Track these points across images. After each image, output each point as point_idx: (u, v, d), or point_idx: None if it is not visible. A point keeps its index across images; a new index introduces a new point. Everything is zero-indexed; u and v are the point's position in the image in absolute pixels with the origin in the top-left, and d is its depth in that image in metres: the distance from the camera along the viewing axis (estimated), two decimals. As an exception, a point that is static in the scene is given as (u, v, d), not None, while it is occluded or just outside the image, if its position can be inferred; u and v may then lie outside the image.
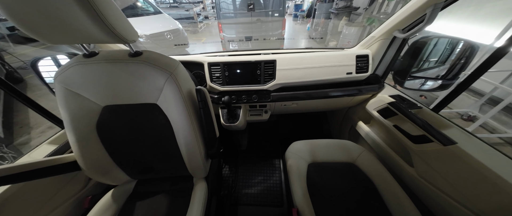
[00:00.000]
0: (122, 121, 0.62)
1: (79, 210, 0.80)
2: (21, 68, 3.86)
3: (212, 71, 1.04)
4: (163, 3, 7.58)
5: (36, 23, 0.39)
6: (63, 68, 0.53)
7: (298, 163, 0.88)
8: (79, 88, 0.55)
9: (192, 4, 7.49)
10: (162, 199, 0.79)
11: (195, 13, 6.93)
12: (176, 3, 7.83)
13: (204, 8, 8.07)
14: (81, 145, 0.61)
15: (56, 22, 0.38)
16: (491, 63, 0.64)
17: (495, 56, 0.63)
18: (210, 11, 8.15)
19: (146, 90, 0.55)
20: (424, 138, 0.75)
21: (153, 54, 0.55)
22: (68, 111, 0.56)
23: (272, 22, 4.11)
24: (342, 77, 1.02)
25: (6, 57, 4.04)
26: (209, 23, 7.93)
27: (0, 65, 3.59)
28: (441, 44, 0.97)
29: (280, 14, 4.05)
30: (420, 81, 1.05)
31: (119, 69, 0.52)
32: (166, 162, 0.74)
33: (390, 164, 0.91)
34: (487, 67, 0.66)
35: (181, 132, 0.62)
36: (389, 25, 0.89)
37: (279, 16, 4.07)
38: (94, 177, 0.68)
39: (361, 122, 1.19)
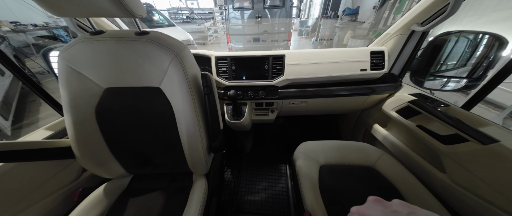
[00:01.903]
0: (123, 105, 0.58)
1: (67, 203, 0.73)
2: (39, 74, 4.11)
3: (219, 65, 1.02)
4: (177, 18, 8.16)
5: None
6: (69, 45, 0.51)
7: (308, 164, 0.79)
8: (82, 67, 0.53)
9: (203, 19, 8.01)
10: (158, 197, 0.71)
11: (205, 28, 7.37)
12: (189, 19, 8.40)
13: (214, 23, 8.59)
14: (78, 129, 0.57)
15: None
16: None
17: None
18: (220, 26, 8.64)
19: (150, 72, 0.53)
20: (456, 138, 0.65)
21: (160, 34, 0.54)
22: (68, 90, 0.54)
23: (278, 33, 4.24)
24: (356, 74, 0.96)
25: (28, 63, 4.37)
26: (218, 37, 8.35)
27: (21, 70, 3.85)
28: (463, 41, 0.91)
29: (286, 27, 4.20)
30: (441, 81, 0.97)
31: (124, 48, 0.50)
32: (166, 154, 0.68)
33: (415, 169, 0.79)
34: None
35: (183, 120, 0.58)
36: (407, 19, 0.85)
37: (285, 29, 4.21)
38: (87, 167, 0.63)
39: (377, 124, 1.10)
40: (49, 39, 5.49)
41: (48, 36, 5.51)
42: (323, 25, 5.99)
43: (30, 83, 0.74)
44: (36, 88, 0.76)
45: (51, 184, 0.68)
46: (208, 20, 8.19)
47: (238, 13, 4.11)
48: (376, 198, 0.22)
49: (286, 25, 4.18)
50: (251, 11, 4.03)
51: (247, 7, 4.00)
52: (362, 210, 0.21)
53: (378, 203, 0.21)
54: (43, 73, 4.14)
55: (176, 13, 8.23)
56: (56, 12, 0.44)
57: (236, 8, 4.05)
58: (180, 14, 8.27)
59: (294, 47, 6.82)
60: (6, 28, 4.99)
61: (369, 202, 0.22)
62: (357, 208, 0.22)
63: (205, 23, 7.58)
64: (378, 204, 0.21)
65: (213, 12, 8.66)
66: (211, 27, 8.24)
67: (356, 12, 5.18)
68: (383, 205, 0.20)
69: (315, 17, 7.89)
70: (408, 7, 3.42)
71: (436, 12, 0.75)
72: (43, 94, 0.78)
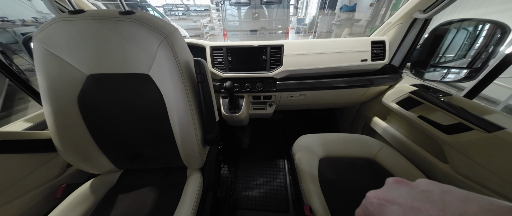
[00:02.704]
0: (108, 94, 0.54)
1: (50, 199, 0.68)
2: (28, 70, 3.96)
3: (214, 56, 0.97)
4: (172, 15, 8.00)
5: None
6: (45, 25, 0.46)
7: (307, 156, 0.76)
8: (61, 51, 0.47)
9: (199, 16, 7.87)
10: (149, 193, 0.66)
11: (202, 25, 7.24)
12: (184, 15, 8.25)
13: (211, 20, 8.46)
14: (58, 119, 0.52)
15: None
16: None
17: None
18: (216, 23, 8.52)
19: (137, 57, 0.48)
20: (459, 127, 0.64)
21: (147, 14, 0.49)
22: (46, 76, 0.48)
23: (276, 30, 4.20)
24: (356, 64, 0.93)
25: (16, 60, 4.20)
26: (214, 34, 8.24)
27: (9, 66, 3.71)
28: (465, 31, 0.89)
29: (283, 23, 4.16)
30: (442, 72, 0.95)
31: (107, 29, 0.45)
32: (157, 147, 0.63)
33: (416, 161, 0.78)
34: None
35: (175, 109, 0.53)
36: (409, 6, 0.83)
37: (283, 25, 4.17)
38: (70, 161, 0.58)
39: (377, 117, 1.08)
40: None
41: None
42: (320, 22, 5.98)
43: (12, 75, 0.68)
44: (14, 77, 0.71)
45: (31, 180, 0.63)
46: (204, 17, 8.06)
47: (235, 9, 4.04)
48: (398, 179, 0.19)
49: (283, 21, 4.14)
50: (248, 7, 3.97)
51: (244, 3, 3.94)
52: (381, 194, 0.18)
53: (401, 184, 0.18)
54: (32, 70, 3.99)
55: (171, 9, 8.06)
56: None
57: (233, 4, 3.98)
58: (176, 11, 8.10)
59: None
60: (-8, 23, 4.79)
61: (388, 184, 0.19)
62: (375, 192, 0.19)
63: (201, 20, 7.45)
64: (401, 185, 0.18)
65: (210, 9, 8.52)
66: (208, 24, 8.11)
67: (353, 9, 5.19)
68: (408, 186, 0.17)
69: (312, 15, 7.88)
70: (405, 4, 3.43)
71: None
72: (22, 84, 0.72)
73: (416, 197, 0.15)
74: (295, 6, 10.34)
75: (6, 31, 4.92)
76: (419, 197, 0.15)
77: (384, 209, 0.16)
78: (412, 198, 0.15)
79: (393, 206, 0.16)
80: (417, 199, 0.15)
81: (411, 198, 0.15)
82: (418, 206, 0.14)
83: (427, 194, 0.15)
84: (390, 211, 0.16)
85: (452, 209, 0.13)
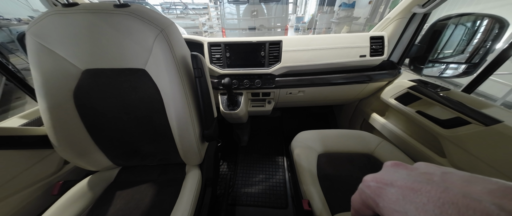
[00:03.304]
0: (104, 89, 0.53)
1: (47, 196, 0.67)
2: (25, 70, 3.92)
3: (212, 52, 0.96)
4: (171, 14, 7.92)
5: None
6: (39, 18, 0.45)
7: (306, 152, 0.76)
8: (56, 45, 0.46)
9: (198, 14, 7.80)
10: (148, 189, 0.66)
11: (200, 23, 7.18)
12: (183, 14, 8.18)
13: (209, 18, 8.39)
14: (54, 114, 0.51)
15: None
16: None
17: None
18: (215, 21, 8.46)
19: (132, 51, 0.47)
20: (458, 121, 0.64)
21: (142, 7, 0.48)
22: (40, 71, 0.48)
23: (274, 28, 4.18)
24: (355, 60, 0.93)
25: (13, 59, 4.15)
26: (213, 33, 8.18)
27: (5, 65, 3.67)
28: (463, 26, 0.89)
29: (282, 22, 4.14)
30: (440, 68, 0.96)
31: (102, 21, 0.44)
32: (155, 143, 0.63)
33: (414, 156, 0.78)
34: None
35: (172, 104, 0.53)
36: (408, 1, 0.82)
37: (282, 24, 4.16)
38: (67, 157, 0.57)
39: (375, 113, 1.08)
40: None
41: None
42: (319, 20, 5.96)
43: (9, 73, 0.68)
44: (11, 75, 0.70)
45: (27, 176, 0.62)
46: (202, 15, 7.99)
47: (234, 6, 4.02)
48: (396, 162, 0.18)
49: (282, 19, 4.12)
50: (246, 4, 3.94)
51: (242, 1, 3.91)
52: (379, 177, 0.17)
53: (400, 167, 0.17)
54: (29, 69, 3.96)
55: (169, 8, 7.98)
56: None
57: (231, 2, 3.95)
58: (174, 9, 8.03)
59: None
60: (-13, 22, 4.71)
61: (387, 167, 0.19)
62: (373, 175, 0.18)
63: (200, 18, 7.39)
64: (400, 168, 0.17)
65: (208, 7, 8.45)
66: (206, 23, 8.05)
67: (352, 7, 5.17)
68: (407, 169, 0.17)
69: (311, 14, 7.85)
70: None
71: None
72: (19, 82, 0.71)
73: (416, 179, 0.15)
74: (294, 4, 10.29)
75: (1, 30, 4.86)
76: (419, 178, 0.14)
77: (382, 192, 0.16)
78: (411, 180, 0.15)
79: (391, 188, 0.15)
80: (417, 180, 0.14)
81: (411, 180, 0.15)
82: (418, 187, 0.14)
83: (427, 176, 0.14)
84: (388, 193, 0.15)
85: (456, 190, 0.12)
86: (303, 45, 0.92)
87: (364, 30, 4.44)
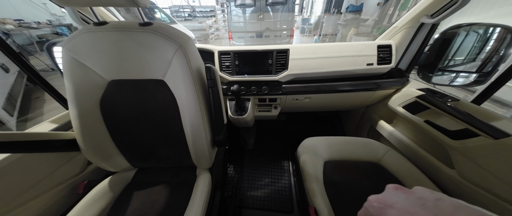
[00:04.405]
0: (127, 98, 0.58)
1: (73, 195, 0.73)
2: (43, 71, 4.15)
3: (222, 60, 1.00)
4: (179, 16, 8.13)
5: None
6: (73, 36, 0.51)
7: (313, 158, 0.78)
8: (86, 59, 0.52)
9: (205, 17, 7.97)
10: (162, 190, 0.71)
11: (207, 26, 7.33)
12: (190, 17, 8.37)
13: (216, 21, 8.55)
14: (82, 121, 0.56)
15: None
16: None
17: None
18: (221, 24, 8.60)
19: (153, 64, 0.52)
20: (466, 132, 0.64)
21: (164, 25, 0.53)
22: (72, 82, 0.53)
23: (280, 31, 4.20)
24: (362, 68, 0.94)
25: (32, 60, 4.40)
26: (219, 35, 8.32)
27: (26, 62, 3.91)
28: (474, 34, 0.88)
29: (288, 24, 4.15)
30: (450, 76, 0.95)
31: (128, 38, 0.49)
32: (170, 146, 0.67)
33: (422, 166, 0.78)
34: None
35: (187, 112, 0.57)
36: (416, 11, 0.83)
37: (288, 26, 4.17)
38: (92, 159, 0.63)
39: (383, 120, 1.08)
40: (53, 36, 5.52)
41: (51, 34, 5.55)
42: (325, 22, 5.92)
43: (37, 77, 0.74)
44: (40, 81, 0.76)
45: (56, 176, 0.69)
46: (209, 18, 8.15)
47: (240, 10, 4.08)
48: (396, 186, 0.21)
49: (288, 22, 4.14)
50: (253, 8, 3.99)
51: (249, 4, 3.96)
52: (382, 198, 0.20)
53: (399, 190, 0.20)
54: (47, 70, 4.17)
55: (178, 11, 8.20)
56: (63, 2, 0.43)
57: (238, 5, 4.02)
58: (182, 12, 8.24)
59: (296, 44, 6.74)
60: (11, 26, 5.03)
61: (388, 190, 0.21)
62: (376, 197, 0.21)
63: (207, 21, 7.54)
64: (399, 192, 0.20)
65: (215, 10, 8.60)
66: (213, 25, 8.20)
67: (359, 9, 5.11)
68: (406, 193, 0.19)
69: (318, 15, 7.80)
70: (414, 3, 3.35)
71: (447, 4, 0.73)
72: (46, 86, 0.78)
73: (412, 203, 0.17)
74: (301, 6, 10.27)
75: (22, 33, 5.17)
76: (415, 203, 0.17)
77: (383, 212, 0.18)
78: (409, 204, 0.17)
79: (391, 210, 0.18)
80: (413, 205, 0.17)
81: (408, 203, 0.17)
82: (413, 211, 0.16)
83: (422, 201, 0.17)
84: (389, 214, 0.18)
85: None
86: (310, 53, 0.95)
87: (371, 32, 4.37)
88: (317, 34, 6.61)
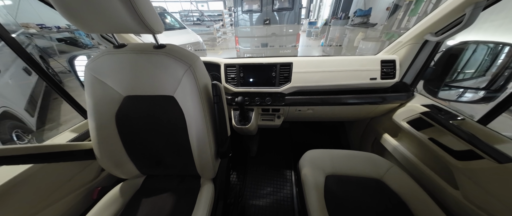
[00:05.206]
0: (139, 111, 0.63)
1: (87, 200, 0.80)
2: (62, 73, 4.41)
3: (227, 72, 1.04)
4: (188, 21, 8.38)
5: (78, 11, 0.43)
6: (95, 57, 0.57)
7: (314, 172, 0.79)
8: (106, 77, 0.58)
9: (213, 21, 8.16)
10: (168, 198, 0.75)
11: (215, 29, 7.51)
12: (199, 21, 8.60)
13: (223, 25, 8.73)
14: (99, 132, 0.62)
15: (94, 10, 0.42)
16: None
17: None
18: (228, 28, 8.77)
19: (165, 82, 0.57)
20: (471, 154, 0.63)
21: (176, 47, 0.58)
22: (92, 97, 0.59)
23: (286, 36, 4.22)
24: (365, 83, 0.94)
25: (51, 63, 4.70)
26: (226, 38, 8.48)
27: (45, 69, 4.19)
28: (481, 51, 0.87)
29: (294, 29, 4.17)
30: (457, 92, 0.93)
31: (143, 60, 0.55)
32: (176, 156, 0.72)
33: (426, 184, 0.77)
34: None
35: (193, 126, 0.61)
36: (420, 28, 0.83)
37: (294, 31, 4.19)
38: (106, 167, 0.68)
39: (387, 134, 1.07)
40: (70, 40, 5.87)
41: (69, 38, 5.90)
42: (333, 26, 5.88)
43: (58, 88, 0.82)
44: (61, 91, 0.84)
45: (74, 183, 0.75)
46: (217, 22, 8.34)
47: (247, 16, 4.15)
48: None
49: (294, 27, 4.16)
50: (259, 14, 4.05)
51: (256, 10, 4.03)
52: None
53: None
54: (65, 72, 4.43)
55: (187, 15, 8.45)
56: (86, 29, 0.49)
57: (245, 11, 4.09)
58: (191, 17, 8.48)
59: (303, 48, 6.74)
60: (33, 30, 5.40)
61: None
62: None
63: (214, 25, 7.72)
64: None
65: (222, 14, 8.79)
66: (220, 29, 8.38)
67: (368, 14, 5.04)
68: None
69: (325, 18, 7.76)
70: (425, 10, 3.27)
71: (452, 23, 0.72)
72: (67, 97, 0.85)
73: None
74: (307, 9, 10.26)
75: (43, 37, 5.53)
76: None
77: None
78: None
79: None
80: None
81: None
82: None
83: None
84: None
85: None
86: (313, 67, 0.96)
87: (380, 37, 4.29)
88: (324, 38, 6.57)
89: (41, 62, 4.11)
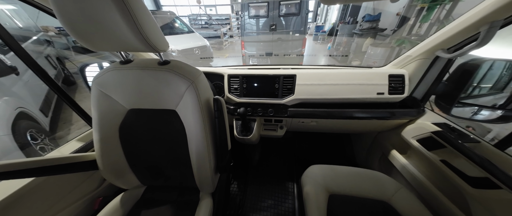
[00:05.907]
0: (142, 124, 0.65)
1: (89, 210, 0.81)
2: (76, 73, 4.62)
3: (231, 83, 1.04)
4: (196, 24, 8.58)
5: (85, 31, 0.44)
6: (102, 72, 0.58)
7: (316, 191, 0.76)
8: (111, 91, 0.59)
9: (220, 25, 8.30)
10: (167, 210, 0.75)
11: (222, 33, 7.63)
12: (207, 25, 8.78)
13: (231, 28, 8.85)
14: (103, 144, 0.64)
15: (101, 30, 0.43)
16: None
17: None
18: (235, 31, 8.88)
19: (168, 96, 0.58)
20: (487, 182, 0.58)
21: (179, 64, 0.59)
22: (98, 110, 0.61)
23: (292, 41, 4.21)
24: (372, 97, 0.91)
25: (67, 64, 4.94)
26: (233, 41, 8.58)
27: (61, 70, 4.40)
28: (497, 68, 0.82)
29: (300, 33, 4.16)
30: (472, 109, 0.87)
31: (148, 76, 0.56)
32: (177, 168, 0.73)
33: (437, 209, 0.72)
34: None
35: (194, 140, 0.61)
36: (431, 43, 0.79)
37: (300, 35, 4.17)
38: (108, 178, 0.70)
39: (395, 150, 1.02)
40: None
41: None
42: (340, 30, 5.80)
43: (66, 98, 0.84)
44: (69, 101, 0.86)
45: (77, 193, 0.77)
46: (224, 26, 8.47)
47: (253, 21, 4.18)
48: None
49: (300, 32, 4.14)
50: (266, 19, 4.07)
51: (262, 15, 4.05)
52: None
53: None
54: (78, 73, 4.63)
55: (196, 19, 8.65)
56: (93, 47, 0.50)
57: (252, 16, 4.13)
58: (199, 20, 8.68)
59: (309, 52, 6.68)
60: (52, 33, 5.72)
61: None
62: None
63: (222, 28, 7.84)
64: None
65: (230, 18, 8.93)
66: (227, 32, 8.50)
67: (377, 18, 4.93)
68: None
69: (332, 22, 7.67)
70: (437, 16, 3.15)
71: (466, 40, 0.68)
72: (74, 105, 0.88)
73: None
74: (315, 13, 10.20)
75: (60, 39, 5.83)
76: None
77: None
78: None
79: None
80: None
81: None
82: None
83: None
84: None
85: None
86: (317, 79, 0.94)
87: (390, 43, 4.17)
88: (331, 42, 6.49)
89: (57, 63, 4.30)
